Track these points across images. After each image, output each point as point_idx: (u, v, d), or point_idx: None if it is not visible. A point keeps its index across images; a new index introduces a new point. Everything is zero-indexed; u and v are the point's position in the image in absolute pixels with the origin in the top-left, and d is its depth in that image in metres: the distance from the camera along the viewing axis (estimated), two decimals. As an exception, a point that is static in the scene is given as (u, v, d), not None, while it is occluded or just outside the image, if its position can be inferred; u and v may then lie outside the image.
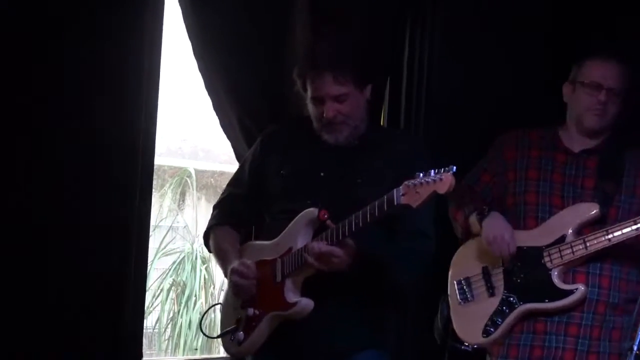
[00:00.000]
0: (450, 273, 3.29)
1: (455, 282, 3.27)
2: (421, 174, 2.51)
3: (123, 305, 3.21)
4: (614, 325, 2.91)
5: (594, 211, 3.04)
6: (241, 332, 2.86)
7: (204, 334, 3.89)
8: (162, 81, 3.34)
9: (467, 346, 3.32)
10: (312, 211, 2.71)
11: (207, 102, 3.43)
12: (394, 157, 2.87)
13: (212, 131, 3.81)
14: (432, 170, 2.49)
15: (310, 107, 2.84)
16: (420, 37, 3.67)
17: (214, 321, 4.06)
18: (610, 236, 2.99)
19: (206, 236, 3.05)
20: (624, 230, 2.98)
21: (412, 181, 2.52)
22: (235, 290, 2.84)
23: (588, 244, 3.02)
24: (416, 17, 3.67)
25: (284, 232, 2.82)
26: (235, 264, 2.82)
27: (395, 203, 2.52)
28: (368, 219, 2.57)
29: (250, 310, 2.83)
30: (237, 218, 3.02)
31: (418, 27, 3.66)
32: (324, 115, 2.77)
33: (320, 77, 2.74)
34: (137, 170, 3.23)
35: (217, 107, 3.45)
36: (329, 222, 2.65)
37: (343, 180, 2.85)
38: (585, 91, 3.07)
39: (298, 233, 2.76)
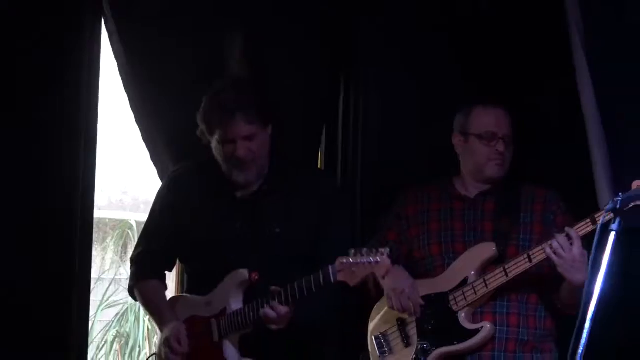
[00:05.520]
0: (369, 329, 3.37)
1: (373, 337, 3.34)
2: (352, 251, 2.69)
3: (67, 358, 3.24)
4: None
5: (492, 251, 3.13)
6: None
7: None
8: (101, 134, 3.42)
9: None
10: (242, 273, 2.86)
11: (145, 154, 3.51)
12: (308, 202, 3.02)
13: (151, 183, 3.87)
14: (364, 249, 2.68)
15: (219, 149, 2.94)
16: (355, 88, 3.79)
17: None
18: (507, 272, 3.05)
19: (131, 291, 3.13)
20: (519, 265, 3.05)
21: (347, 260, 2.70)
22: (165, 356, 2.93)
23: (488, 283, 3.09)
24: (350, 70, 3.79)
25: (215, 291, 2.95)
26: (167, 332, 2.93)
27: (332, 281, 2.70)
28: (305, 293, 2.75)
29: None
30: (158, 273, 3.13)
31: (352, 79, 3.79)
32: (236, 154, 2.89)
33: (231, 119, 2.87)
34: (76, 225, 3.27)
35: (148, 141, 3.52)
36: (273, 288, 2.78)
37: (260, 231, 2.99)
38: (482, 142, 3.17)
39: (229, 294, 2.90)
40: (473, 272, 3.14)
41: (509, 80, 3.67)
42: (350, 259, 2.72)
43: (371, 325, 3.35)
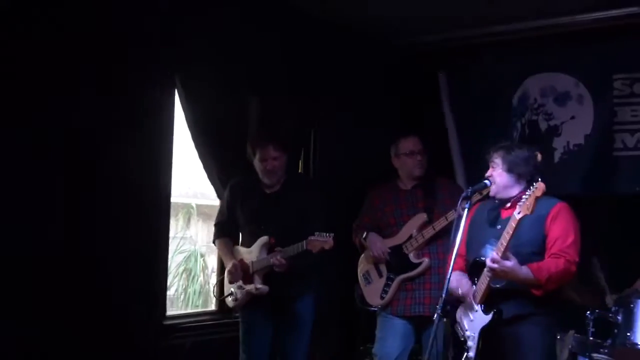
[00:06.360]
0: (358, 270, 4.49)
1: (361, 274, 4.47)
2: (317, 233, 3.86)
3: (155, 282, 4.39)
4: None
5: (424, 217, 4.26)
6: (234, 295, 4.28)
7: (214, 296, 5.06)
8: (176, 156, 4.49)
9: (374, 307, 4.42)
10: (266, 238, 4.18)
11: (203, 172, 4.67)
12: (303, 199, 4.24)
13: (204, 184, 5.03)
14: (323, 233, 3.84)
15: (258, 164, 4.23)
16: (321, 131, 5.22)
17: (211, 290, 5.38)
18: (435, 228, 4.19)
19: (214, 242, 4.48)
20: (441, 222, 4.16)
21: (311, 237, 3.88)
22: (229, 278, 4.30)
23: (424, 235, 4.21)
24: (319, 119, 5.23)
25: (252, 246, 4.23)
26: (230, 265, 4.24)
27: (305, 248, 3.92)
28: (293, 254, 3.98)
29: (237, 285, 4.26)
30: (227, 233, 4.43)
31: (320, 124, 5.23)
32: (267, 167, 4.19)
33: (266, 146, 4.20)
34: (162, 205, 4.43)
35: (205, 166, 4.64)
36: (277, 248, 4.05)
37: (278, 213, 4.22)
38: (408, 157, 4.33)
39: (258, 249, 4.21)
40: (415, 231, 4.27)
41: (414, 122, 5.33)
42: (314, 237, 3.91)
43: (359, 268, 4.51)
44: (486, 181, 3.58)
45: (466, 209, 3.39)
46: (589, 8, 4.98)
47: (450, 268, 3.29)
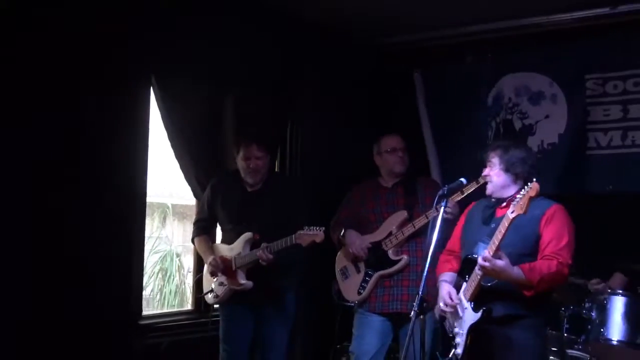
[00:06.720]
0: (335, 265, 4.51)
1: (339, 270, 4.49)
2: (306, 227, 3.89)
3: (130, 282, 4.39)
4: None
5: (404, 215, 4.28)
6: (214, 292, 4.29)
7: (192, 294, 5.12)
8: (152, 155, 4.51)
9: (350, 302, 4.51)
10: (249, 234, 4.21)
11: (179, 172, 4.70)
12: (286, 196, 4.29)
13: (179, 184, 5.04)
14: (312, 227, 3.88)
15: (240, 162, 4.24)
16: (296, 130, 5.27)
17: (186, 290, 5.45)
18: (415, 225, 4.20)
19: (192, 240, 4.49)
20: (421, 220, 4.16)
21: (301, 232, 3.91)
22: (210, 270, 4.29)
23: (404, 232, 4.21)
24: (294, 118, 5.27)
25: (234, 243, 4.23)
26: (210, 259, 4.27)
27: (294, 242, 3.95)
28: (280, 248, 4.03)
29: (219, 281, 4.27)
30: (206, 231, 4.46)
31: (295, 124, 5.26)
32: (250, 166, 4.22)
33: (250, 145, 4.23)
34: (137, 205, 4.44)
35: (182, 165, 4.64)
36: (264, 243, 4.05)
37: (260, 210, 4.23)
38: (390, 154, 4.36)
39: (241, 245, 4.22)
40: (395, 228, 4.27)
41: (389, 121, 5.40)
42: (304, 231, 3.94)
43: (337, 264, 4.52)
44: (462, 179, 3.58)
45: (442, 208, 3.41)
46: (562, 9, 5.05)
47: (426, 266, 3.30)
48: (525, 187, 3.21)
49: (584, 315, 4.22)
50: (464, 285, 3.50)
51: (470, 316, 3.43)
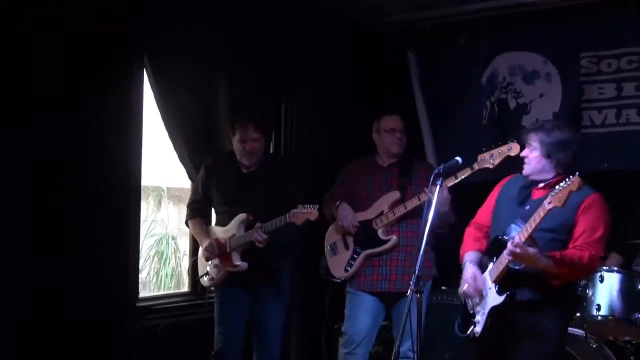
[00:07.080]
0: (325, 241, 4.52)
1: (328, 245, 4.50)
2: (300, 206, 3.87)
3: (127, 266, 4.41)
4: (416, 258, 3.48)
5: (397, 195, 4.28)
6: (210, 275, 4.30)
7: (188, 276, 5.08)
8: (146, 138, 4.49)
9: (338, 279, 4.48)
10: (244, 215, 4.20)
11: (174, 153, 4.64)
12: (281, 177, 4.28)
13: (175, 167, 4.98)
14: (306, 205, 3.88)
15: (236, 144, 4.22)
16: (290, 111, 5.29)
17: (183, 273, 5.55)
18: (406, 207, 4.22)
19: (186, 223, 4.47)
20: (414, 202, 4.18)
21: (294, 210, 3.91)
22: (206, 256, 4.29)
23: (396, 212, 4.23)
24: (288, 99, 5.27)
25: (229, 225, 4.23)
26: (206, 243, 4.26)
27: (288, 221, 3.96)
28: (275, 227, 4.01)
29: (213, 264, 4.28)
30: (200, 213, 4.44)
31: (289, 105, 5.27)
32: (246, 148, 4.21)
33: (246, 126, 4.21)
34: (132, 188, 4.45)
35: (176, 146, 4.61)
36: (258, 224, 4.05)
37: (255, 192, 4.23)
38: (388, 134, 4.37)
39: (236, 227, 4.21)
40: (386, 207, 4.29)
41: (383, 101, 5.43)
42: (297, 210, 3.93)
43: (327, 239, 4.52)
44: (457, 158, 3.54)
45: (438, 187, 3.42)
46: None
47: (422, 246, 3.27)
48: (567, 179, 3.09)
49: (580, 293, 4.23)
50: (490, 265, 3.45)
51: (493, 298, 3.40)
